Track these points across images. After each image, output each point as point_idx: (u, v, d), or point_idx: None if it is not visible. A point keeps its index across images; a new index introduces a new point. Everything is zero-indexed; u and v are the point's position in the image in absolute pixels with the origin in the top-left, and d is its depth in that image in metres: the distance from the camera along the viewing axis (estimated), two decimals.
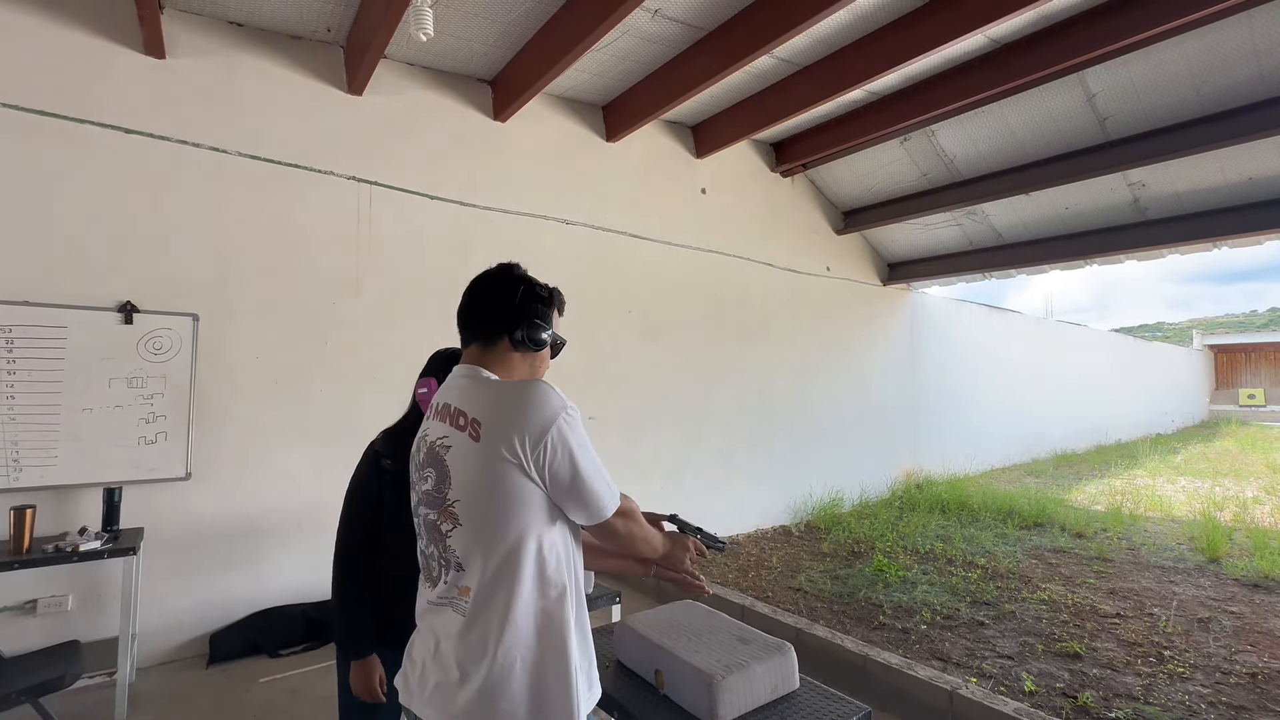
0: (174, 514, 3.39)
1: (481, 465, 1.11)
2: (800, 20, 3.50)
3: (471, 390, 1.19)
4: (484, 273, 1.32)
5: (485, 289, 1.30)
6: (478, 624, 1.09)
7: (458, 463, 1.14)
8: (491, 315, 1.27)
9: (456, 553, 1.13)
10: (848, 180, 6.75)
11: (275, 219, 3.78)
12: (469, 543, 1.12)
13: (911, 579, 4.59)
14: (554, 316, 1.34)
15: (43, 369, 3.11)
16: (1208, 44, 4.13)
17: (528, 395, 1.12)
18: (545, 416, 1.09)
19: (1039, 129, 5.21)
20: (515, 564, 1.09)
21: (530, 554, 1.10)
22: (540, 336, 1.27)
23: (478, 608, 1.09)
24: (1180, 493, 8.09)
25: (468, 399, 1.17)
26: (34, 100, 3.17)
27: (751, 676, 1.55)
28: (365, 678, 1.55)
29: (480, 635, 1.08)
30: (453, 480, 1.14)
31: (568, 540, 1.18)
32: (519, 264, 1.34)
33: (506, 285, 1.29)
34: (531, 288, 1.29)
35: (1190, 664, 3.29)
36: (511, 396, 1.14)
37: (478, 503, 1.11)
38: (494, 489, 1.10)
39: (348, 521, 1.63)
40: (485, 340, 1.27)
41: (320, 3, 3.62)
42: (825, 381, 6.98)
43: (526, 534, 1.10)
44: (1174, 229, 5.77)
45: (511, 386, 1.16)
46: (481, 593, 1.10)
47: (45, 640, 2.93)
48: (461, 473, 1.13)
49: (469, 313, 1.30)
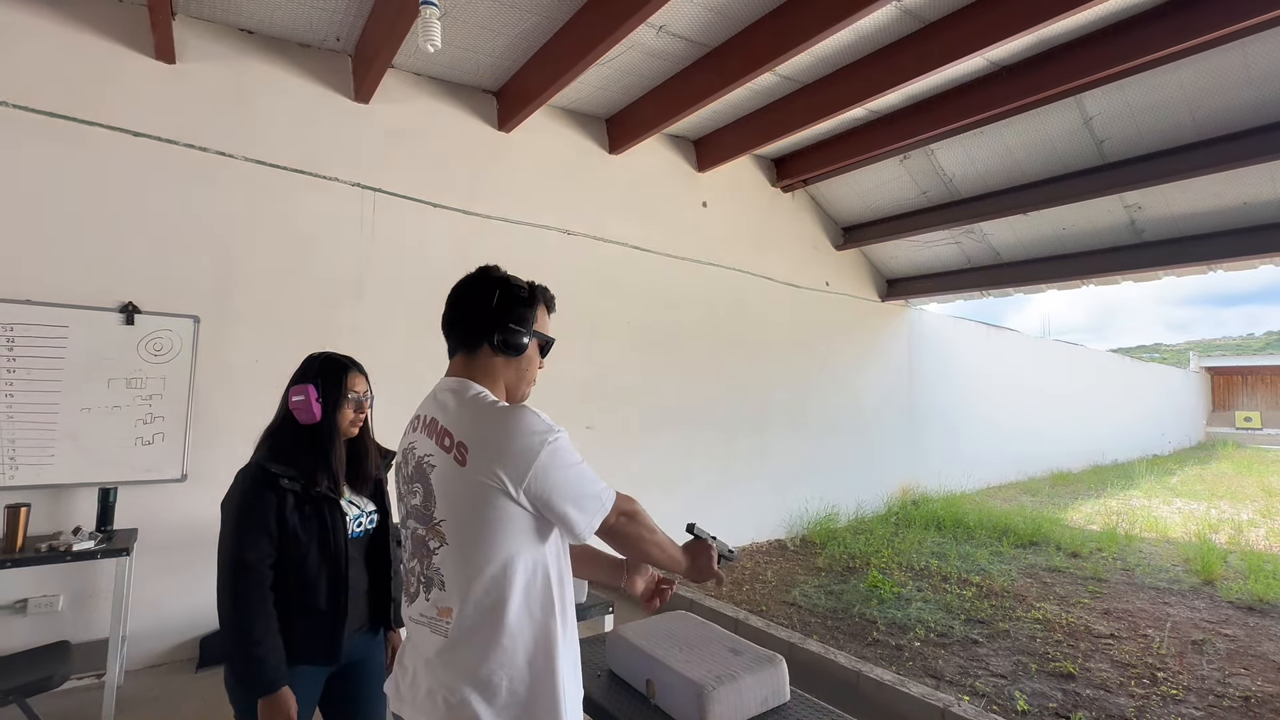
0: (168, 516, 3.38)
1: (467, 489, 1.09)
2: (803, 39, 3.56)
3: (457, 409, 1.15)
4: (462, 278, 1.28)
5: (462, 294, 1.26)
6: (463, 646, 1.08)
7: (443, 483, 1.13)
8: (470, 322, 1.23)
9: (441, 571, 1.12)
10: (848, 196, 6.81)
11: (279, 223, 3.80)
12: (456, 563, 1.10)
13: (906, 596, 4.58)
14: (540, 315, 1.28)
15: (43, 368, 3.12)
16: (1203, 70, 4.19)
17: (512, 424, 1.10)
18: (530, 446, 1.07)
19: (1037, 150, 5.27)
20: (502, 587, 1.08)
21: (518, 577, 1.09)
22: (519, 340, 1.22)
23: (461, 630, 1.08)
24: (1176, 514, 8.08)
25: (453, 418, 1.14)
26: (44, 102, 3.20)
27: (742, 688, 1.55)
28: (283, 710, 1.45)
29: (466, 657, 1.07)
30: (438, 500, 1.13)
31: (559, 559, 1.17)
32: (498, 266, 1.28)
33: (483, 288, 1.24)
34: (509, 288, 1.23)
35: (1184, 686, 3.28)
36: (497, 424, 1.11)
37: (463, 525, 1.10)
38: (480, 514, 1.08)
39: (250, 546, 1.48)
40: (468, 348, 1.24)
41: (330, 12, 3.67)
42: (823, 396, 6.99)
43: (514, 558, 1.09)
44: (1170, 251, 5.82)
45: (497, 414, 1.12)
46: (466, 615, 1.08)
47: (35, 640, 2.91)
48: (447, 494, 1.12)
49: (450, 321, 1.26)
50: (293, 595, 1.53)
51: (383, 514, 1.78)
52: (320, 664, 1.58)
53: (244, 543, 1.49)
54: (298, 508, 1.56)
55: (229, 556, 1.49)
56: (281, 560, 1.53)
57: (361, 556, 1.69)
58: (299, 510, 1.56)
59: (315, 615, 1.56)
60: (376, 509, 1.77)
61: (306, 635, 1.54)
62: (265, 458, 1.59)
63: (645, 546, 1.24)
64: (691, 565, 1.37)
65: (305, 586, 1.54)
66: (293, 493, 1.56)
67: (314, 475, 1.60)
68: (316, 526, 1.58)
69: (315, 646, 1.56)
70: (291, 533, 1.54)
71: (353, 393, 1.73)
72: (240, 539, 1.49)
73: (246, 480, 1.55)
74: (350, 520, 1.66)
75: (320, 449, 1.64)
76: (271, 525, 1.52)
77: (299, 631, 1.53)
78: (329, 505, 1.62)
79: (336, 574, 1.59)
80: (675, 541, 1.33)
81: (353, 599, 1.62)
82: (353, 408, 1.72)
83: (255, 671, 1.44)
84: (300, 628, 1.53)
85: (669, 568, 1.33)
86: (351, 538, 1.65)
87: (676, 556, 1.32)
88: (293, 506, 1.55)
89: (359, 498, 1.74)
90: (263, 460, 1.58)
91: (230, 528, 1.51)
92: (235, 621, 1.46)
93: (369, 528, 1.73)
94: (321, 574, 1.57)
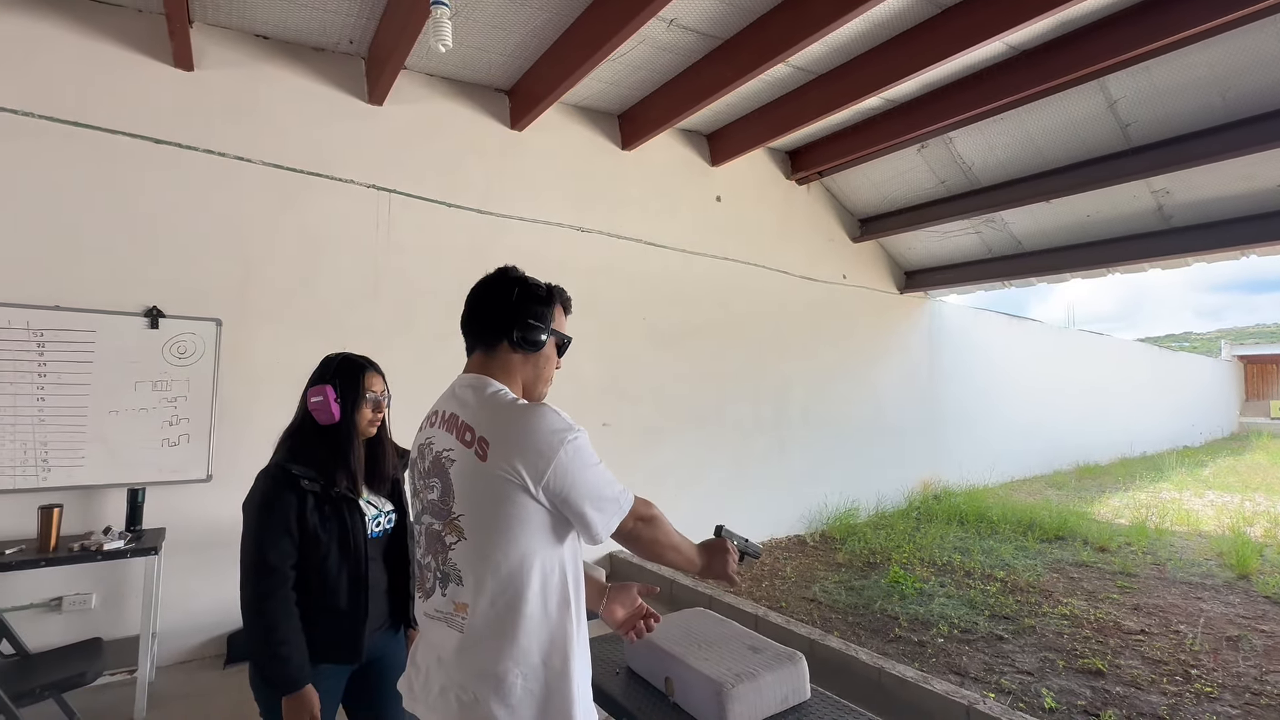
0: (194, 515, 3.45)
1: (487, 484, 1.10)
2: (816, 29, 3.50)
3: (477, 405, 1.17)
4: (482, 278, 1.31)
5: (482, 294, 1.28)
6: (479, 643, 1.08)
7: (462, 478, 1.13)
8: (489, 319, 1.25)
9: (458, 566, 1.13)
10: (864, 188, 6.72)
11: (296, 226, 3.85)
12: (473, 558, 1.11)
13: (928, 591, 4.52)
14: (557, 315, 1.30)
15: (72, 372, 3.19)
16: (1235, 48, 4.05)
17: (533, 420, 1.11)
18: (550, 443, 1.08)
19: (1059, 136, 5.15)
20: (519, 584, 1.08)
21: (534, 574, 1.10)
22: (537, 337, 1.24)
23: (477, 626, 1.09)
24: (1208, 507, 7.87)
25: (474, 414, 1.16)
26: (68, 111, 3.27)
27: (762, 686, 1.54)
28: (307, 708, 1.47)
29: (481, 654, 1.08)
30: (456, 494, 1.14)
31: (575, 560, 1.18)
32: (516, 266, 1.31)
33: (502, 288, 1.26)
34: (527, 287, 1.26)
35: (1218, 684, 3.20)
36: (519, 420, 1.12)
37: (482, 521, 1.10)
38: (499, 509, 1.09)
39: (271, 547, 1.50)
40: (486, 346, 1.26)
41: (343, 16, 3.70)
42: (841, 390, 6.92)
43: (531, 555, 1.09)
44: (1200, 237, 5.65)
45: (518, 410, 1.14)
46: (482, 611, 1.09)
47: (69, 637, 2.99)
48: (466, 489, 1.13)
49: (469, 319, 1.29)
50: (314, 595, 1.55)
51: (400, 513, 1.79)
52: (342, 662, 1.60)
53: (265, 544, 1.50)
54: (318, 508, 1.57)
55: (251, 557, 1.50)
56: (303, 560, 1.54)
57: (380, 556, 1.71)
58: (319, 511, 1.57)
59: (337, 614, 1.57)
60: (394, 508, 1.78)
61: (328, 634, 1.56)
62: (285, 459, 1.61)
63: (660, 550, 1.25)
64: (707, 566, 1.37)
65: (326, 586, 1.56)
66: (313, 493, 1.57)
67: (333, 476, 1.62)
68: (336, 527, 1.59)
69: (337, 645, 1.57)
70: (312, 533, 1.55)
71: (370, 392, 1.74)
72: (262, 540, 1.50)
73: (267, 481, 1.57)
74: (369, 520, 1.67)
75: (339, 449, 1.65)
76: (292, 526, 1.53)
77: (321, 631, 1.54)
78: (348, 505, 1.63)
79: (357, 573, 1.60)
80: (691, 541, 1.34)
81: (373, 598, 1.63)
82: (371, 407, 1.74)
83: (279, 671, 1.46)
84: (322, 627, 1.55)
85: (685, 569, 1.34)
86: (371, 538, 1.66)
87: (692, 558, 1.33)
88: (313, 507, 1.56)
89: (377, 497, 1.76)
90: (283, 461, 1.60)
91: (252, 529, 1.53)
92: (258, 622, 1.47)
93: (387, 527, 1.74)
94: (342, 574, 1.58)
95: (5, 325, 3.06)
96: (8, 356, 3.06)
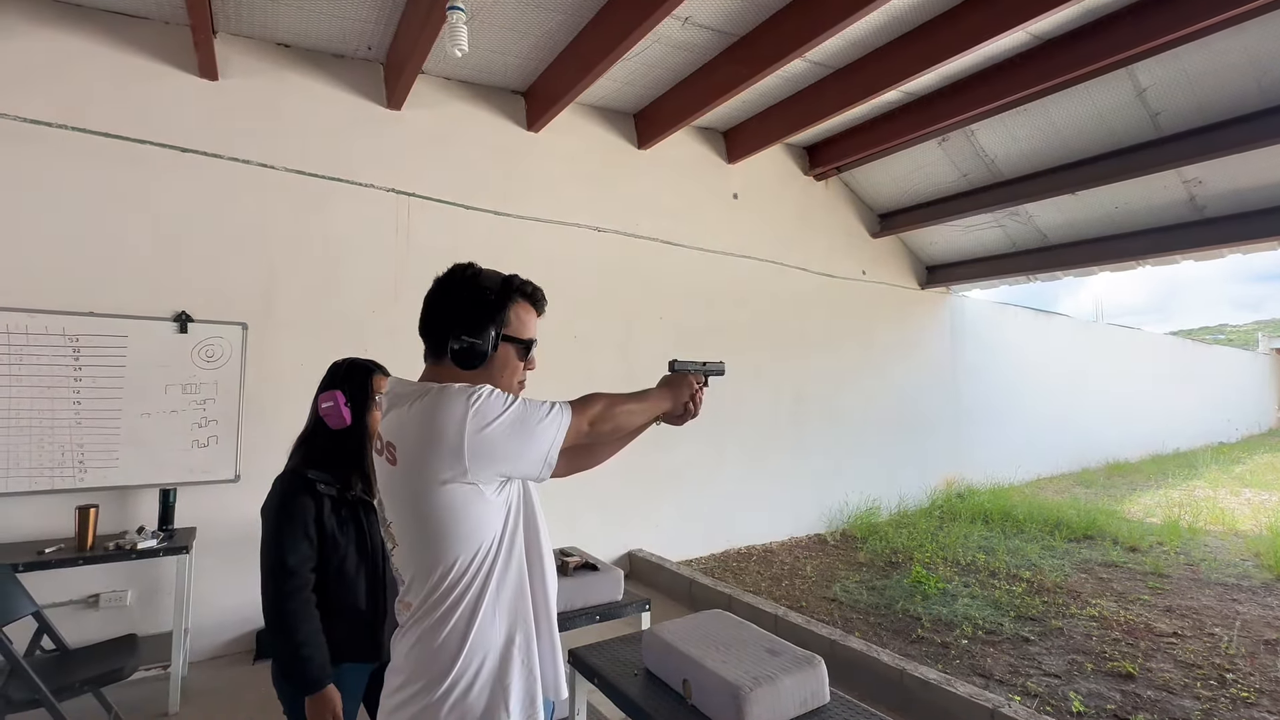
0: (224, 515, 3.54)
1: (403, 487, 1.09)
2: (832, 23, 3.46)
3: (385, 408, 1.16)
4: (436, 278, 1.19)
5: (432, 296, 1.18)
6: (419, 641, 1.08)
7: (384, 486, 1.14)
8: (433, 325, 1.16)
9: (399, 569, 1.15)
10: (883, 182, 6.62)
11: (319, 231, 3.92)
12: (407, 560, 1.12)
13: (952, 591, 4.46)
14: (516, 315, 1.17)
15: (106, 376, 3.29)
16: (1271, 32, 3.91)
17: (430, 406, 1.05)
18: (453, 420, 1.02)
19: (1085, 126, 5.02)
20: (450, 580, 1.07)
21: (466, 567, 1.07)
22: (477, 350, 1.12)
23: (418, 623, 1.09)
24: (1244, 505, 7.64)
25: (385, 419, 1.14)
26: (97, 123, 3.37)
27: (780, 689, 1.53)
28: (330, 707, 1.50)
29: (420, 651, 1.08)
30: (385, 503, 1.15)
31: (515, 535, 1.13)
32: (473, 263, 1.20)
33: (447, 290, 1.16)
34: (473, 290, 1.14)
35: (1255, 688, 3.11)
36: (418, 412, 1.06)
37: (405, 524, 1.10)
38: (416, 510, 1.07)
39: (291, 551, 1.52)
40: (434, 355, 1.18)
41: (361, 23, 3.75)
42: (861, 387, 6.84)
43: (461, 551, 1.07)
44: (1235, 227, 5.47)
45: (417, 406, 1.07)
46: (420, 609, 1.09)
47: (106, 633, 3.09)
48: (389, 496, 1.13)
49: (420, 324, 1.18)
50: (334, 596, 1.58)
51: None
52: (363, 661, 1.63)
53: (285, 548, 1.53)
54: (335, 511, 1.61)
55: (271, 562, 1.53)
56: (322, 563, 1.58)
57: None
58: (336, 514, 1.61)
59: (356, 614, 1.61)
60: None
61: (349, 634, 1.59)
62: (300, 464, 1.64)
63: (626, 423, 1.21)
64: (675, 403, 1.34)
65: (345, 587, 1.59)
66: (329, 497, 1.61)
67: (348, 479, 1.66)
68: (353, 529, 1.63)
69: (358, 645, 1.61)
70: (330, 536, 1.59)
71: (379, 395, 1.77)
72: (281, 544, 1.53)
73: (284, 487, 1.60)
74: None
75: (352, 453, 1.69)
76: (311, 530, 1.56)
77: (341, 631, 1.58)
78: (364, 508, 1.67)
79: (375, 574, 1.64)
80: (647, 390, 1.30)
81: (391, 597, 1.66)
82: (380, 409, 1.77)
83: (301, 671, 1.49)
84: (342, 627, 1.58)
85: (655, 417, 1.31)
86: None
87: (659, 405, 1.30)
88: (330, 510, 1.60)
89: None
90: (298, 466, 1.64)
91: (271, 534, 1.55)
92: (280, 624, 1.50)
93: None
94: (360, 575, 1.62)
95: (43, 331, 3.17)
96: (46, 362, 3.17)
